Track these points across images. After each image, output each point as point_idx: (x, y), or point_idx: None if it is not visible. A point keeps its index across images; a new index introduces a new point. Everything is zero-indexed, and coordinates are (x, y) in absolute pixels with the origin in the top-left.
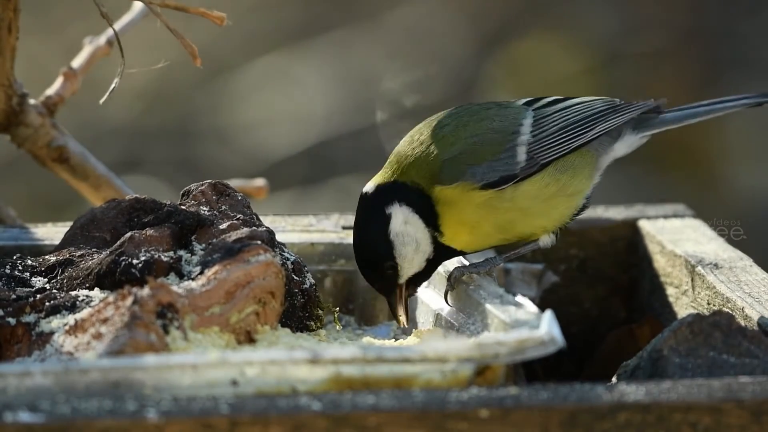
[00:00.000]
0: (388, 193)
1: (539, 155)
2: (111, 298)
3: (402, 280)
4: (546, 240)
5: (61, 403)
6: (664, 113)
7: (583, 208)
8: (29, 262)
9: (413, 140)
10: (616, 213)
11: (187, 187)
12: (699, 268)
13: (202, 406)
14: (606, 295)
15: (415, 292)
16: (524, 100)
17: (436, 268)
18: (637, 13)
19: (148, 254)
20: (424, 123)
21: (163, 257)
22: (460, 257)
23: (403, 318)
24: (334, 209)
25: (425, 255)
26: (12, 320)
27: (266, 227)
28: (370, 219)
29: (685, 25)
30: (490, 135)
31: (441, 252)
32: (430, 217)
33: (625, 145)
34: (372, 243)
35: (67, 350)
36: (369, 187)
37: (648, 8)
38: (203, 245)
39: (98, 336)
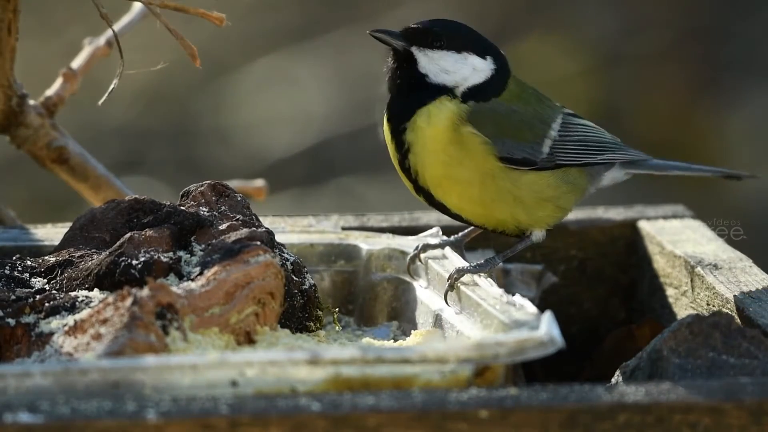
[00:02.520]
0: (502, 60)
1: (559, 155)
2: (110, 299)
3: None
4: (538, 235)
5: (60, 404)
6: (651, 160)
7: (553, 226)
8: (29, 262)
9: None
10: (616, 214)
11: (187, 188)
12: (698, 269)
13: (201, 407)
14: (605, 296)
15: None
16: (558, 104)
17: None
18: (636, 13)
19: (147, 255)
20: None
21: (162, 258)
22: (460, 258)
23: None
24: (333, 210)
25: (451, 69)
26: (12, 321)
27: (266, 228)
28: (480, 38)
29: (685, 25)
30: (534, 121)
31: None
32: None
33: (611, 178)
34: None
35: (66, 351)
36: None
37: (647, 9)
38: (203, 246)
39: (98, 337)
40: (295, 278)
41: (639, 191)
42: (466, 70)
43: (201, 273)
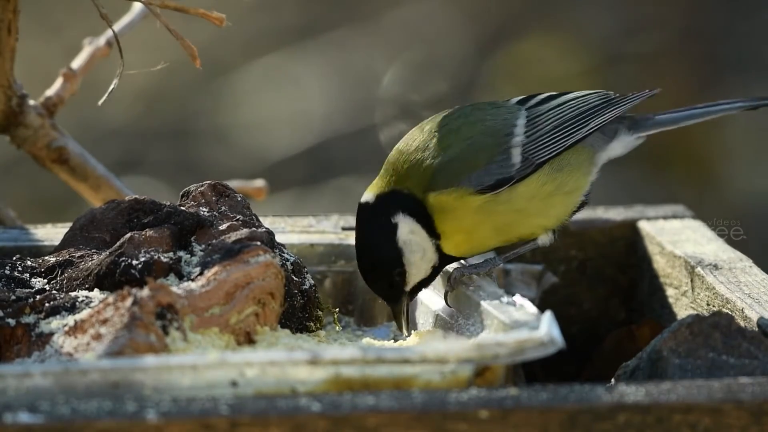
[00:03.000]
0: (390, 203)
1: (534, 155)
2: (110, 299)
3: (408, 287)
4: (544, 239)
5: (60, 404)
6: (659, 114)
7: (582, 205)
8: (29, 263)
9: (407, 146)
10: (616, 214)
11: (187, 188)
12: (698, 269)
13: (201, 407)
14: (605, 296)
15: (414, 297)
16: (517, 99)
17: (438, 274)
18: (636, 13)
19: (147, 255)
20: (416, 128)
21: (162, 258)
22: (460, 258)
23: (404, 328)
24: (333, 210)
25: (431, 262)
26: (12, 321)
27: (266, 228)
28: (377, 228)
29: (685, 25)
30: (482, 138)
31: (444, 259)
32: (429, 225)
33: (620, 145)
34: (381, 251)
35: (66, 351)
36: (368, 197)
37: (647, 9)
38: (203, 246)
39: (98, 337)
40: (295, 278)
41: (639, 192)
42: (415, 240)
43: (201, 273)
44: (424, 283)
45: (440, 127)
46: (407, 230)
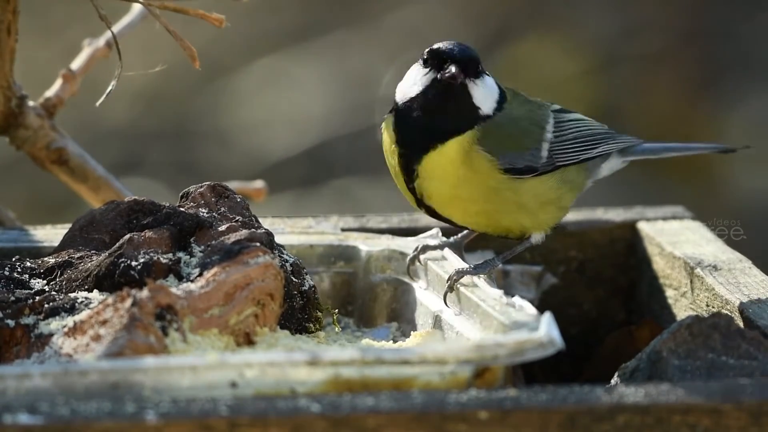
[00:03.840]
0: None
1: (557, 156)
2: (110, 300)
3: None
4: (537, 237)
5: (60, 405)
6: (646, 143)
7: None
8: (28, 263)
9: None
10: (615, 215)
11: (186, 189)
12: (698, 270)
13: (201, 408)
14: (605, 297)
15: None
16: (546, 102)
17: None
18: (636, 14)
19: (147, 256)
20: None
21: (162, 259)
22: (459, 260)
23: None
24: (333, 211)
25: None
26: (11, 322)
27: (265, 229)
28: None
29: (685, 26)
30: (529, 126)
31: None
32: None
33: (608, 168)
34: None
35: (66, 352)
36: None
37: (647, 10)
38: (202, 247)
39: (97, 338)
40: (294, 279)
41: (638, 193)
42: (494, 92)
43: (200, 274)
44: (464, 108)
45: (516, 94)
46: (490, 82)
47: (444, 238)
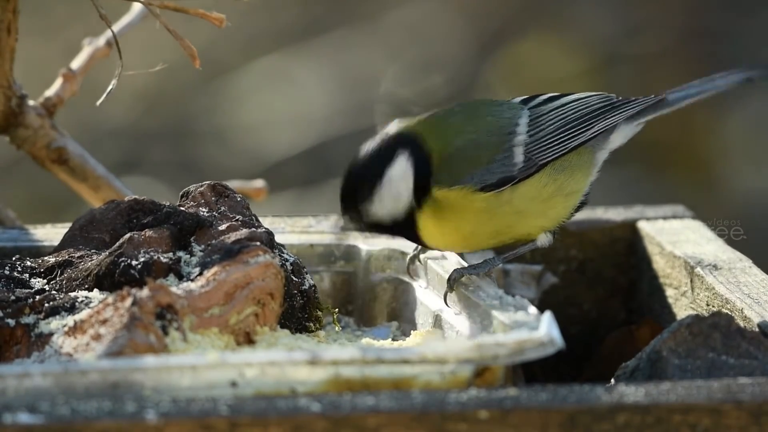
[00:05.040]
0: (407, 142)
1: (537, 156)
2: (110, 300)
3: (364, 219)
4: (543, 239)
5: (60, 404)
6: (658, 99)
7: (581, 205)
8: (28, 263)
9: (435, 116)
10: (616, 214)
11: (186, 189)
12: (698, 270)
13: (201, 408)
14: (605, 297)
15: (363, 231)
16: (519, 99)
17: (395, 236)
18: (636, 14)
19: (147, 255)
20: (441, 109)
21: (162, 258)
22: (459, 259)
23: (338, 236)
24: (333, 210)
25: (393, 216)
26: (11, 321)
27: (265, 228)
28: (381, 149)
29: (684, 25)
30: (485, 137)
31: (408, 233)
32: (421, 193)
33: (620, 136)
34: (366, 168)
35: (66, 351)
36: (397, 126)
37: (647, 9)
38: (202, 246)
39: (97, 337)
40: (294, 279)
41: (639, 192)
42: (402, 184)
43: (201, 273)
44: (381, 229)
45: (457, 113)
46: (400, 171)
47: None
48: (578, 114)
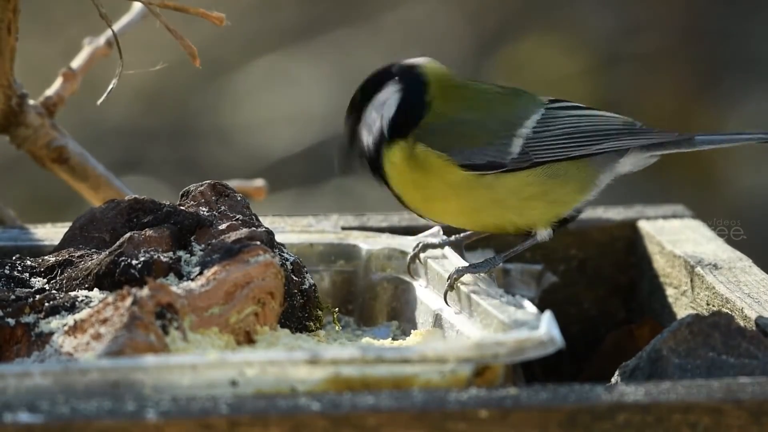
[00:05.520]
0: (413, 79)
1: (535, 153)
2: (110, 299)
3: (357, 143)
4: (543, 234)
5: (60, 404)
6: (680, 137)
7: (569, 219)
8: (28, 262)
9: (468, 81)
10: (616, 213)
11: (187, 188)
12: (698, 269)
13: (201, 407)
14: (605, 296)
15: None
16: (548, 98)
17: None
18: (636, 13)
19: (147, 255)
20: (480, 80)
21: (162, 258)
22: (460, 258)
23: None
24: (333, 210)
25: (369, 143)
26: (11, 321)
27: (265, 228)
28: (382, 75)
29: (685, 25)
30: (493, 120)
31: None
32: (402, 128)
33: (630, 163)
34: (363, 91)
35: (66, 351)
36: (425, 63)
37: (647, 9)
38: (202, 246)
39: (97, 336)
40: (294, 278)
41: (639, 191)
42: (382, 110)
43: (201, 273)
44: (366, 163)
45: (481, 89)
46: (385, 97)
47: (445, 237)
48: (592, 128)
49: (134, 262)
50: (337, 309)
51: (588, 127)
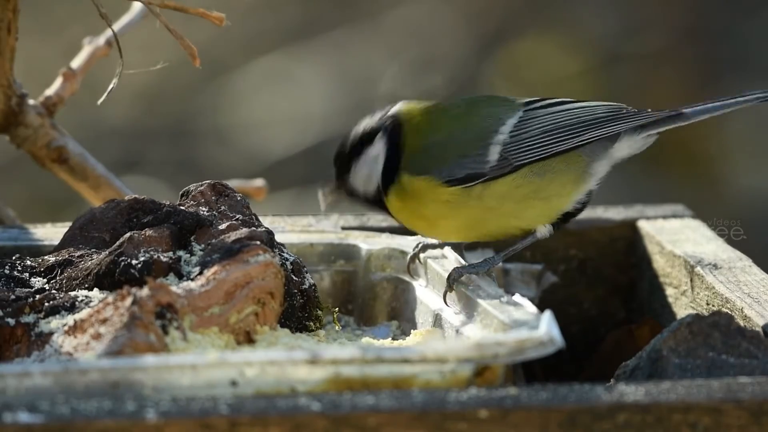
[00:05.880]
0: (393, 126)
1: (514, 157)
2: (110, 299)
3: (347, 188)
4: (543, 231)
5: (60, 404)
6: (670, 114)
7: (574, 212)
8: (28, 262)
9: (438, 106)
10: (616, 213)
11: (187, 188)
12: (698, 269)
13: (201, 407)
14: (605, 296)
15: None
16: (526, 99)
17: (371, 208)
18: (636, 13)
19: (147, 255)
20: (450, 100)
21: (162, 258)
22: (459, 258)
23: (324, 205)
24: (333, 210)
25: (368, 192)
26: (11, 321)
27: (265, 227)
28: (371, 130)
29: (685, 25)
30: (463, 134)
31: (382, 208)
32: (390, 174)
33: (625, 147)
34: (350, 144)
35: (66, 351)
36: (399, 108)
37: (647, 8)
38: (202, 246)
39: (97, 336)
40: (294, 278)
41: (639, 191)
42: (374, 165)
43: (201, 273)
44: (359, 200)
45: (448, 109)
46: (375, 153)
47: None
48: (574, 120)
49: (134, 262)
50: (337, 309)
51: (568, 121)
